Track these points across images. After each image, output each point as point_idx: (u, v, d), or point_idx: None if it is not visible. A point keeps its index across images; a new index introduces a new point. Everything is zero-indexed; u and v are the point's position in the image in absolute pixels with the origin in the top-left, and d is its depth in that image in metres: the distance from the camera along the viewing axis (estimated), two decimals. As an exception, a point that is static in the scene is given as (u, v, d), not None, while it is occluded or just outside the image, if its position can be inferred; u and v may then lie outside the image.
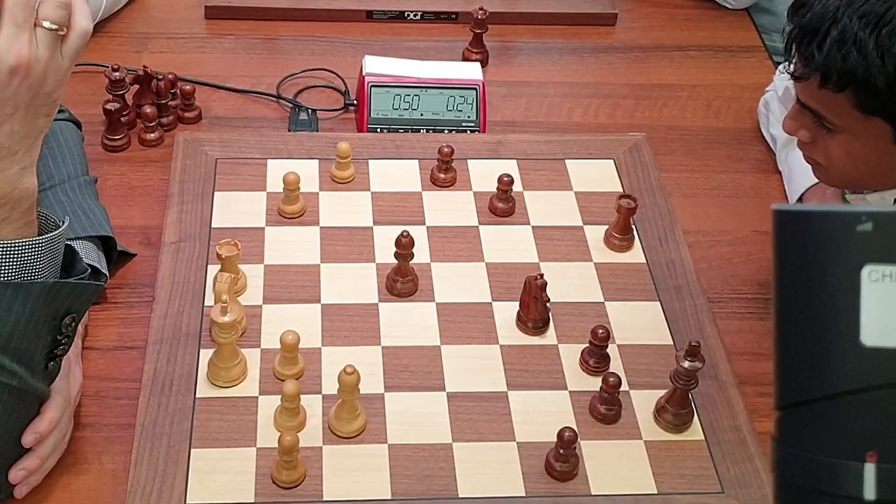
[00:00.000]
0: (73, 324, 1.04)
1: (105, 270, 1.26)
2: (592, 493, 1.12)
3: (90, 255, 1.23)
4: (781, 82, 1.56)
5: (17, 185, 0.96)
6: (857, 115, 1.14)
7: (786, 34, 1.18)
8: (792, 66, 1.18)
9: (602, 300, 1.33)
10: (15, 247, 0.97)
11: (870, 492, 0.57)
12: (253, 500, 1.09)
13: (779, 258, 0.61)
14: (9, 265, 0.97)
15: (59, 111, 1.37)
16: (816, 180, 1.40)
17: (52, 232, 1.01)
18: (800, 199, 1.46)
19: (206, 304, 1.27)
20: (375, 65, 1.59)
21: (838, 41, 1.10)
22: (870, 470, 0.57)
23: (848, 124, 1.17)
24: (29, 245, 0.98)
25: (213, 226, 1.37)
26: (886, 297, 0.57)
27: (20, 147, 0.95)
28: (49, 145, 1.33)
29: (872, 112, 1.13)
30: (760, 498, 1.13)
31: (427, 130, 1.57)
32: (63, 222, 1.03)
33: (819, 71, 1.13)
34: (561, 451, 1.12)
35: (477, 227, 1.42)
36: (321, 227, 1.39)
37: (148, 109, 1.51)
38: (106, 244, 1.30)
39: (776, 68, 1.79)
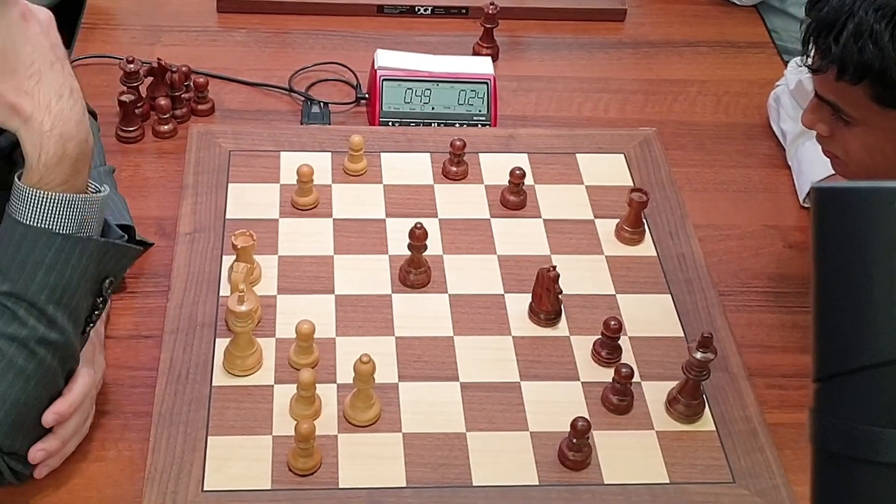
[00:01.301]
0: (111, 287, 1.07)
1: None
2: (605, 483, 1.13)
3: None
4: (793, 76, 1.57)
5: (89, 134, 1.02)
6: (874, 108, 1.15)
7: (803, 29, 1.19)
8: (809, 59, 1.19)
9: (613, 293, 1.34)
10: (82, 202, 1.01)
11: None
12: (269, 487, 1.10)
13: (818, 234, 0.63)
14: (69, 218, 1.00)
15: None
16: (826, 174, 1.41)
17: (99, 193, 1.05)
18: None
19: (221, 294, 1.28)
20: (388, 59, 1.60)
21: (854, 34, 1.11)
22: None
23: (865, 117, 1.18)
24: (91, 200, 1.02)
25: (227, 217, 1.38)
26: None
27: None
28: None
29: (889, 104, 1.14)
30: (771, 488, 1.14)
31: (438, 124, 1.58)
32: (103, 188, 1.06)
33: (836, 63, 1.14)
34: (574, 440, 1.13)
35: (489, 219, 1.43)
36: (334, 219, 1.40)
37: (162, 101, 1.52)
38: (126, 233, 1.31)
39: (785, 65, 1.81)
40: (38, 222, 1.00)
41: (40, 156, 0.99)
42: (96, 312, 1.07)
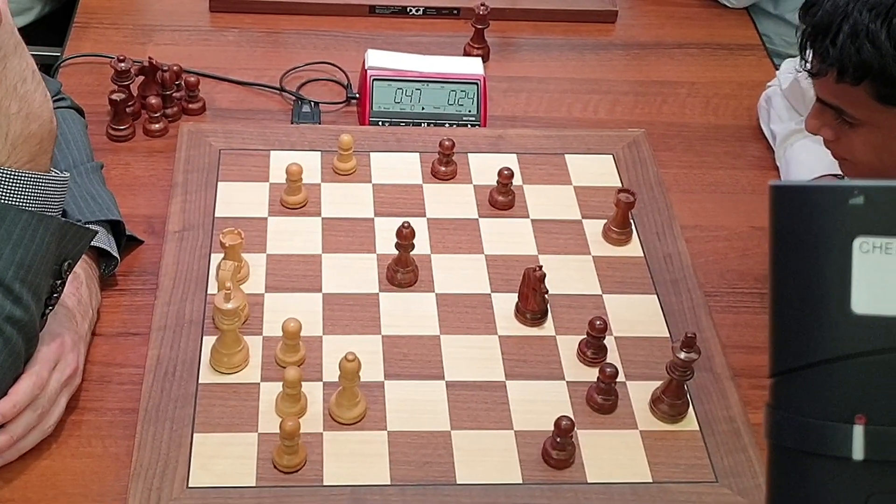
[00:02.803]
0: (69, 270, 1.08)
1: (116, 253, 1.29)
2: (589, 481, 1.14)
3: (100, 238, 1.26)
4: (787, 77, 1.58)
5: (52, 114, 1.04)
6: (876, 107, 1.15)
7: (799, 35, 1.20)
8: (808, 64, 1.20)
9: (600, 293, 1.35)
10: (46, 180, 1.03)
11: (858, 452, 0.60)
12: (254, 484, 1.10)
13: (775, 231, 0.63)
14: (35, 196, 1.02)
15: (61, 99, 1.40)
16: (814, 176, 1.42)
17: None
18: None
19: (209, 292, 1.29)
20: (378, 59, 1.61)
21: (851, 35, 1.11)
22: (858, 431, 0.60)
23: (869, 117, 1.18)
24: (56, 179, 1.04)
25: (216, 215, 1.39)
26: (876, 268, 0.60)
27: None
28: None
29: (891, 101, 1.14)
30: (754, 487, 1.14)
31: (428, 124, 1.59)
32: (64, 172, 1.08)
33: (835, 66, 1.14)
34: (558, 439, 1.14)
35: (477, 219, 1.43)
36: (323, 218, 1.41)
37: (153, 100, 1.53)
38: (115, 229, 1.32)
39: (776, 68, 1.81)
40: (4, 198, 1.02)
41: (7, 135, 1.01)
42: (55, 295, 1.08)
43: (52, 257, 1.05)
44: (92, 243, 1.14)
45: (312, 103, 1.63)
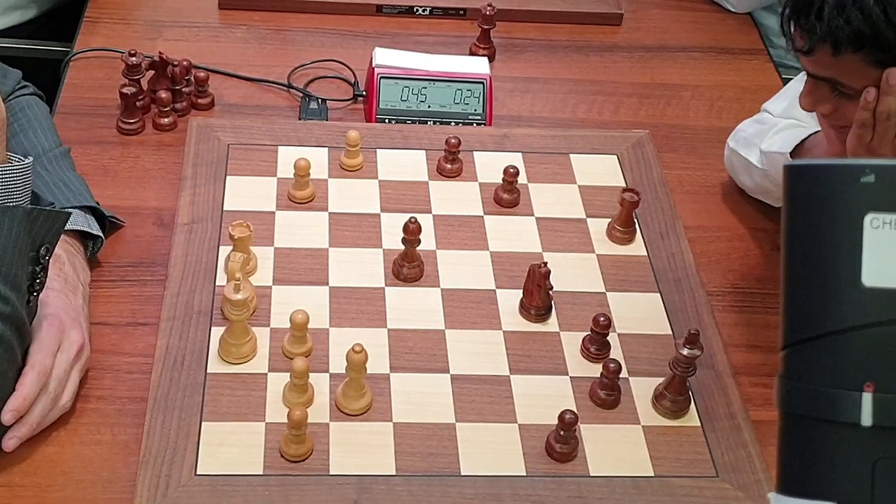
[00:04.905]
0: (48, 256, 1.08)
1: (98, 231, 1.30)
2: (591, 475, 1.15)
3: (76, 220, 1.27)
4: (779, 103, 1.52)
5: (1, 106, 1.02)
6: (874, 73, 1.14)
7: (780, 13, 1.19)
8: (794, 42, 1.18)
9: (604, 290, 1.36)
10: (4, 170, 1.02)
11: (867, 418, 0.63)
12: (262, 472, 1.12)
13: (789, 207, 0.66)
14: None
15: (23, 86, 1.41)
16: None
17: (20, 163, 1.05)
18: (801, 144, 1.39)
19: (217, 283, 1.30)
20: (385, 57, 1.62)
21: (837, 6, 1.10)
22: (867, 399, 0.63)
23: (866, 83, 1.15)
24: (17, 168, 1.03)
25: (224, 208, 1.40)
26: (886, 242, 0.62)
27: None
28: (18, 121, 1.37)
29: (889, 65, 1.13)
30: (753, 482, 1.16)
31: (434, 122, 1.60)
32: (28, 157, 1.08)
33: (827, 40, 1.13)
34: (561, 432, 1.15)
35: (482, 216, 1.45)
36: (330, 213, 1.42)
37: (163, 94, 1.54)
38: (95, 214, 1.33)
39: (778, 73, 1.83)
40: None
41: None
42: (38, 281, 1.08)
43: (26, 245, 1.04)
44: (70, 227, 1.16)
45: (320, 100, 1.65)
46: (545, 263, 1.29)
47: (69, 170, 1.36)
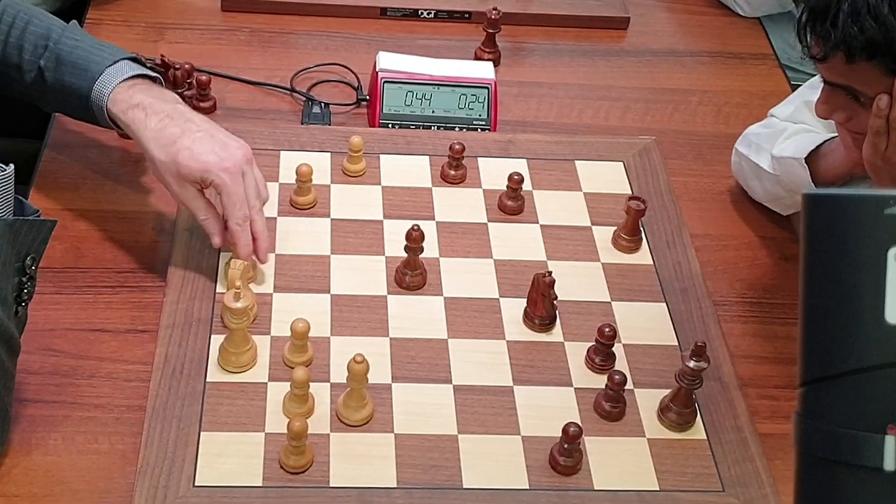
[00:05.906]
0: (35, 265, 1.04)
1: (154, 74, 1.33)
2: (595, 488, 1.14)
3: (133, 67, 1.30)
4: (786, 108, 1.51)
5: None
6: (889, 81, 1.13)
7: (797, 20, 1.18)
8: (810, 49, 1.17)
9: (609, 300, 1.34)
10: None
11: (889, 462, 0.60)
12: (261, 484, 1.10)
13: (808, 239, 0.63)
14: None
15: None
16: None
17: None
18: (816, 150, 1.38)
19: (217, 290, 1.28)
20: (389, 61, 1.60)
21: (851, 14, 1.10)
22: (890, 442, 0.60)
23: (882, 92, 1.14)
24: None
25: (225, 214, 1.38)
26: None
27: None
28: (18, 16, 1.34)
29: None
30: (760, 497, 1.14)
31: (438, 127, 1.59)
32: (8, 166, 1.03)
33: (841, 48, 1.12)
34: (565, 445, 1.13)
35: (486, 224, 1.43)
36: (332, 219, 1.41)
37: (164, 98, 1.52)
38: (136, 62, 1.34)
39: (787, 77, 1.81)
40: None
41: None
42: (25, 291, 1.04)
43: (10, 258, 1.00)
44: (132, 73, 1.24)
45: (323, 104, 1.63)
46: (550, 273, 1.27)
47: (91, 36, 1.36)
